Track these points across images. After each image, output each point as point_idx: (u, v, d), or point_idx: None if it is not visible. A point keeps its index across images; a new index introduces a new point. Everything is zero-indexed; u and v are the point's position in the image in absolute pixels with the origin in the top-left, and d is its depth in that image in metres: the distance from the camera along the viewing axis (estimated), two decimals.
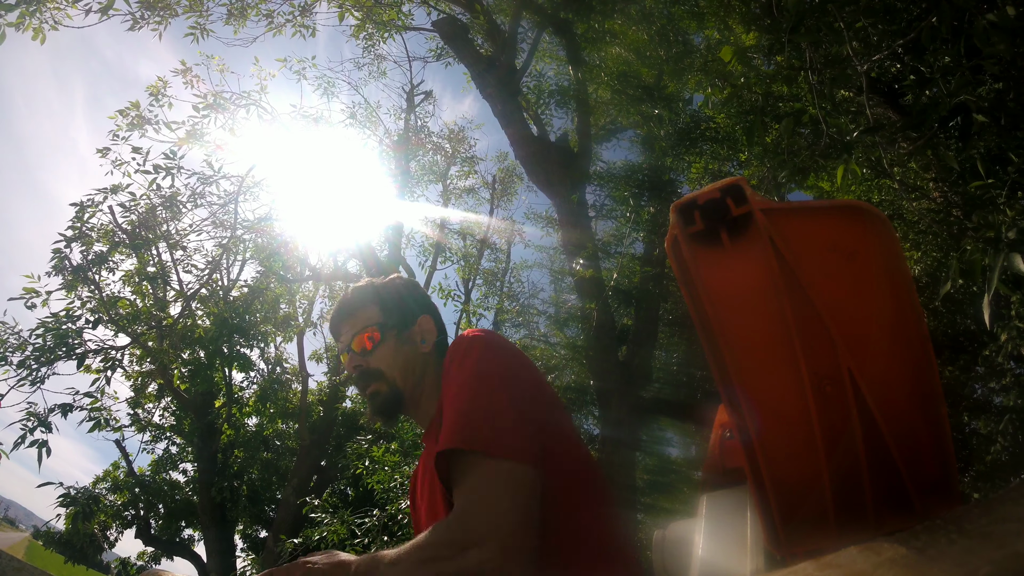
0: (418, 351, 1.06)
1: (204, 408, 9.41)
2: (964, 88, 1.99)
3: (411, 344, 1.06)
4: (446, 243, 9.40)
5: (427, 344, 1.06)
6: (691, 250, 0.45)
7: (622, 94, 6.83)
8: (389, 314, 1.07)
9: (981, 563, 0.27)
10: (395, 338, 1.05)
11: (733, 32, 5.69)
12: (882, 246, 0.43)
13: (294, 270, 7.98)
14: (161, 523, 10.80)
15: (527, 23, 6.84)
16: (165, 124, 6.57)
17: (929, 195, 4.88)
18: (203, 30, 5.95)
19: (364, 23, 6.72)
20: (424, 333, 1.08)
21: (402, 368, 1.03)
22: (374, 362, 1.03)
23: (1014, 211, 2.43)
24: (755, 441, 0.45)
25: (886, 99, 4.26)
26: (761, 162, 4.24)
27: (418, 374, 1.04)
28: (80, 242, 6.14)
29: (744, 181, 0.44)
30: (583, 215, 5.89)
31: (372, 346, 1.04)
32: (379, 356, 1.04)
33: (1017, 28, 1.80)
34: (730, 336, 0.45)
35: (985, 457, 5.18)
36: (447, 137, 9.40)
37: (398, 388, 1.03)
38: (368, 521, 5.21)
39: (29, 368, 5.52)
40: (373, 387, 1.03)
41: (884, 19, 2.76)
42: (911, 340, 0.44)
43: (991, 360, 4.65)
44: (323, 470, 10.23)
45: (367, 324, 1.06)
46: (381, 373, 1.03)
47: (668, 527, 0.57)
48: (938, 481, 0.45)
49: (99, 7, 5.14)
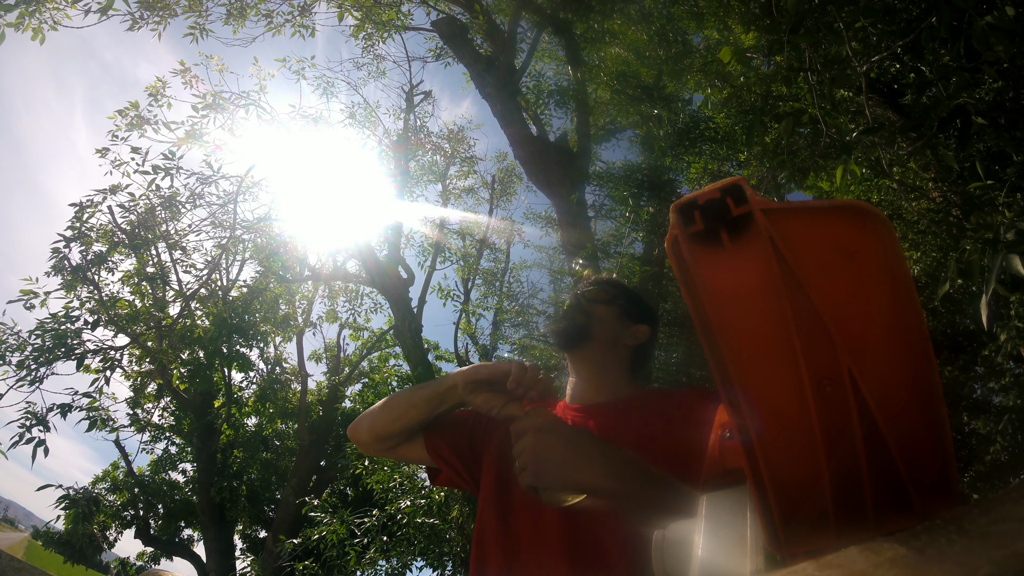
0: (622, 340, 1.19)
1: (203, 408, 9.40)
2: (963, 90, 1.99)
3: (623, 329, 1.20)
4: (445, 243, 9.40)
5: (632, 341, 1.20)
6: (691, 250, 0.45)
7: (621, 94, 6.83)
8: (624, 299, 1.24)
9: (981, 563, 0.27)
10: (617, 315, 1.20)
11: (732, 32, 5.69)
12: (882, 246, 0.43)
13: (293, 270, 7.97)
14: (160, 523, 10.79)
15: (526, 23, 6.84)
16: (164, 124, 6.57)
17: (928, 195, 4.89)
18: (202, 30, 5.95)
19: (363, 23, 6.72)
20: (637, 334, 1.21)
21: (605, 335, 1.18)
22: (592, 310, 1.19)
23: (1012, 212, 2.44)
24: (755, 441, 0.44)
25: (886, 99, 4.27)
26: (761, 162, 4.24)
27: (608, 353, 1.17)
28: (79, 242, 6.13)
29: (744, 181, 0.44)
30: (582, 215, 5.89)
31: (597, 300, 1.21)
32: (598, 311, 1.19)
33: (1016, 29, 1.80)
34: (730, 336, 0.45)
35: (984, 457, 5.19)
36: (446, 137, 9.39)
37: (591, 337, 1.17)
38: (368, 521, 5.21)
39: (28, 368, 5.51)
40: (578, 318, 1.19)
41: (884, 19, 2.76)
42: (911, 340, 0.44)
43: (990, 360, 4.66)
44: (322, 470, 10.23)
45: (608, 289, 1.25)
46: (590, 317, 1.18)
47: (668, 527, 0.57)
48: (938, 481, 0.45)
49: (98, 7, 5.13)
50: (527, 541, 1.03)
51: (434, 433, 1.21)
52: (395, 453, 1.23)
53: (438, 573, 5.66)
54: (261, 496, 11.04)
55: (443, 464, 1.21)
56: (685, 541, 0.54)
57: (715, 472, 0.57)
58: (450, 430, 1.22)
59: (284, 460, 11.18)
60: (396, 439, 1.19)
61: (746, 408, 0.45)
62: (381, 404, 1.21)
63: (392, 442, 1.20)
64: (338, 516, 5.35)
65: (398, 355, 11.00)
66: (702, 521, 0.52)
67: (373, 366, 11.59)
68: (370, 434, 1.20)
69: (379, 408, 1.21)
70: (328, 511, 5.65)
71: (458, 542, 5.21)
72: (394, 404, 1.19)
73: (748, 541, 0.47)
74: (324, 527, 5.26)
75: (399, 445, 1.21)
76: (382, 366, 11.48)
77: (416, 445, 1.21)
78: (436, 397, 1.14)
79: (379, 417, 1.20)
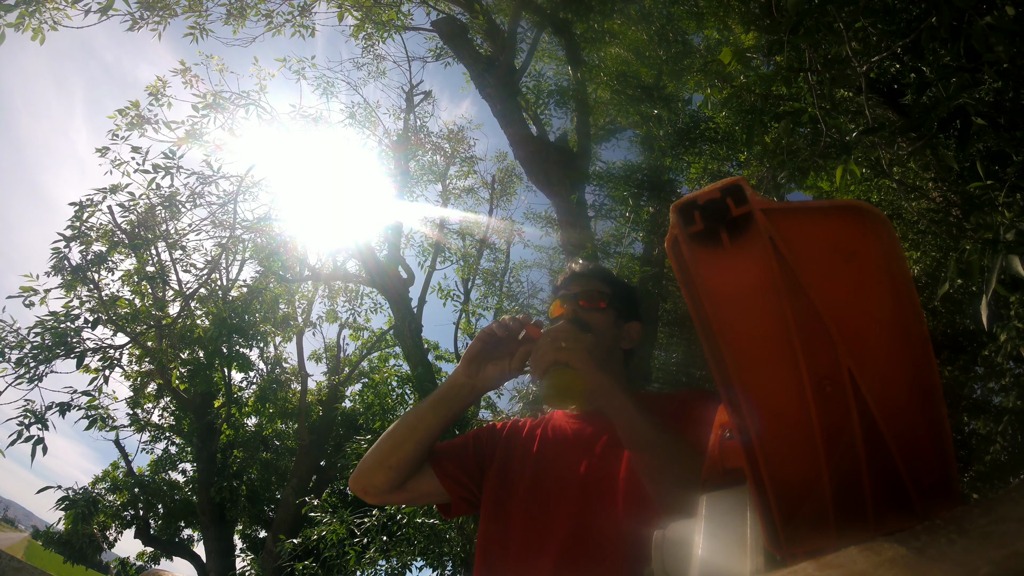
0: (619, 344, 1.21)
1: (203, 408, 9.40)
2: (963, 90, 1.99)
3: (619, 333, 1.22)
4: (445, 243, 9.40)
5: (627, 344, 1.22)
6: (691, 250, 0.45)
7: (621, 94, 6.82)
8: (618, 299, 1.24)
9: (981, 563, 0.27)
10: (613, 319, 1.21)
11: (732, 32, 5.69)
12: (882, 246, 0.43)
13: (293, 270, 7.97)
14: (160, 523, 10.79)
15: (526, 23, 6.83)
16: (164, 124, 6.57)
17: (928, 195, 4.89)
18: (202, 30, 5.95)
19: (363, 23, 6.71)
20: (631, 334, 1.24)
21: (603, 343, 1.17)
22: (589, 319, 1.17)
23: (1012, 212, 2.44)
24: (755, 441, 0.44)
25: (886, 99, 4.27)
26: (761, 162, 4.24)
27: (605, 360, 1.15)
28: (79, 242, 6.13)
29: (744, 181, 0.44)
30: (582, 215, 5.88)
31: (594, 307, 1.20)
32: (595, 319, 1.18)
33: (1016, 29, 1.80)
34: (730, 336, 0.45)
35: (984, 457, 5.19)
36: (446, 137, 9.39)
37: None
38: (367, 521, 5.21)
39: (27, 366, 5.51)
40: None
41: (884, 19, 2.76)
42: (911, 340, 0.44)
43: (990, 360, 4.66)
44: (322, 470, 10.22)
45: (601, 292, 1.22)
46: (590, 328, 1.15)
47: (668, 527, 0.57)
48: (938, 481, 0.45)
49: (98, 7, 5.13)
50: (530, 543, 1.03)
51: (440, 458, 1.19)
52: (407, 491, 1.17)
53: (438, 573, 5.66)
54: (261, 496, 11.03)
55: (455, 486, 1.18)
56: (685, 541, 0.54)
57: (715, 472, 0.57)
58: (455, 451, 1.21)
59: (284, 460, 11.17)
60: (407, 467, 1.15)
61: (746, 408, 0.45)
62: (382, 437, 1.18)
63: (404, 472, 1.15)
64: (338, 516, 5.34)
65: (398, 355, 11.00)
66: (702, 521, 0.52)
67: (373, 366, 11.59)
68: (378, 468, 1.14)
69: (382, 439, 1.17)
70: (328, 511, 5.64)
71: (458, 542, 5.21)
72: (398, 427, 1.17)
73: (748, 541, 0.47)
74: (324, 527, 5.26)
75: (410, 478, 1.16)
76: (382, 366, 11.48)
77: (426, 476, 1.18)
78: (441, 400, 1.13)
79: (384, 445, 1.16)
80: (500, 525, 1.08)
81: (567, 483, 1.05)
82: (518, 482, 1.11)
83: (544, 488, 1.08)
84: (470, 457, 1.20)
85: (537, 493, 1.08)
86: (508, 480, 1.14)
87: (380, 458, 1.15)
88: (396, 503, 1.22)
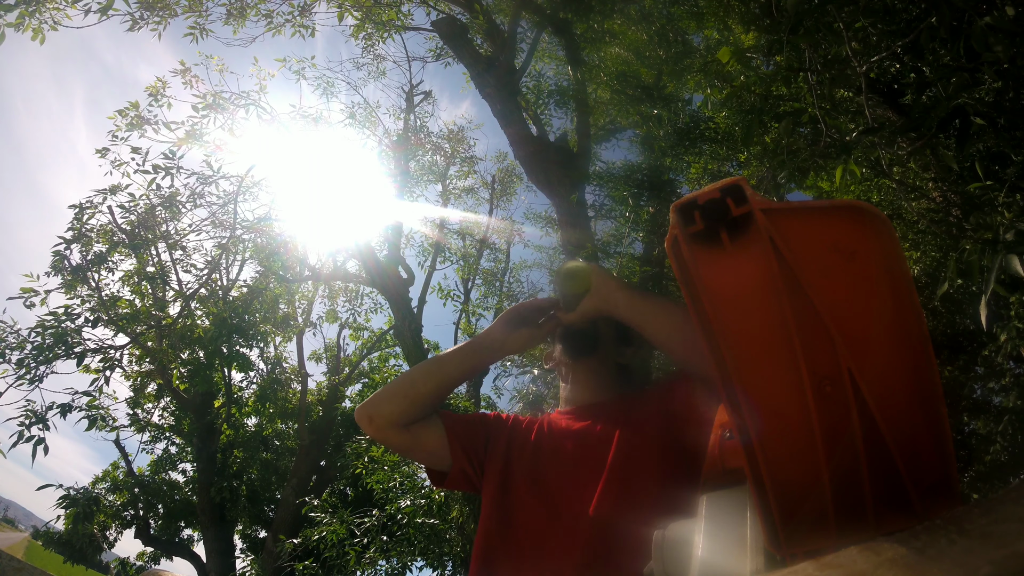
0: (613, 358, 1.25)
1: (203, 408, 9.40)
2: (963, 90, 1.98)
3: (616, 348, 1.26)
4: (445, 243, 9.40)
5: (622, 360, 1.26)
6: (691, 250, 0.45)
7: (621, 94, 6.82)
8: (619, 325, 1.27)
9: (981, 563, 0.27)
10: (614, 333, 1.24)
11: (732, 32, 5.69)
12: (882, 246, 0.43)
13: (293, 270, 7.97)
14: (160, 523, 10.79)
15: (526, 23, 6.83)
16: (164, 124, 6.57)
17: (928, 195, 4.89)
18: (202, 30, 5.95)
19: (363, 23, 6.71)
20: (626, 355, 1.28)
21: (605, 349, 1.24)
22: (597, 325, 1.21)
23: (1012, 213, 2.44)
24: (755, 441, 0.44)
25: (885, 99, 4.27)
26: (761, 162, 4.24)
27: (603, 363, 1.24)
28: (80, 243, 6.13)
29: (744, 181, 0.44)
30: (582, 215, 5.88)
31: None
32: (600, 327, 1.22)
33: (1016, 30, 1.80)
34: (730, 336, 0.45)
35: (984, 457, 5.18)
36: (446, 137, 9.39)
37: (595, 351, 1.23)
38: (367, 521, 5.21)
39: (27, 367, 5.51)
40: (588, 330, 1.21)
41: (884, 19, 2.76)
42: (911, 340, 0.44)
43: (990, 360, 4.66)
44: (322, 470, 10.23)
45: None
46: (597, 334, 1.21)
47: (668, 527, 0.57)
48: (938, 481, 0.45)
49: (98, 7, 5.13)
50: (533, 541, 1.03)
51: (453, 421, 1.18)
52: (410, 434, 1.14)
53: (438, 573, 5.66)
54: (261, 496, 11.03)
55: (461, 454, 1.15)
56: (685, 541, 0.54)
57: (715, 472, 0.57)
58: (467, 421, 1.21)
59: (284, 460, 11.17)
60: (420, 405, 1.13)
61: (746, 408, 0.45)
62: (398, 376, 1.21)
63: (415, 409, 1.13)
64: (338, 516, 5.34)
65: (398, 355, 11.00)
66: (702, 521, 0.52)
67: (373, 366, 11.60)
68: (391, 397, 1.13)
69: (399, 376, 1.20)
70: (328, 511, 5.64)
71: (458, 542, 5.21)
72: (418, 367, 1.22)
73: (748, 541, 0.47)
74: (324, 527, 5.26)
75: (417, 422, 1.14)
76: (382, 366, 11.49)
77: (434, 429, 1.16)
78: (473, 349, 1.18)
79: (403, 379, 1.18)
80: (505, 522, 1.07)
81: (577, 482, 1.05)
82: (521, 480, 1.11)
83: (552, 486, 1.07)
84: (479, 435, 1.19)
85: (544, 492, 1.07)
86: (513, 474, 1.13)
87: (395, 388, 1.16)
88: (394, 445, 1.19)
